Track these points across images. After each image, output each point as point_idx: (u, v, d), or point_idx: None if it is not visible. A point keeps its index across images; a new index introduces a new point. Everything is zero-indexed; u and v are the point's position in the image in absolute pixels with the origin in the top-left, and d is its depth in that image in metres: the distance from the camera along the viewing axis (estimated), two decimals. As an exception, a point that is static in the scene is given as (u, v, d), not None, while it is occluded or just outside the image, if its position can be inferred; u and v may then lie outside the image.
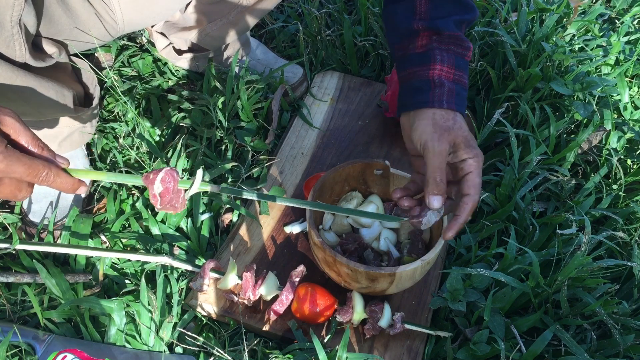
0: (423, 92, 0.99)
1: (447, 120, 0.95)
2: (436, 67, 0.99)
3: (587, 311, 1.04)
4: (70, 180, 0.80)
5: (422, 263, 0.97)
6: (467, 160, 0.92)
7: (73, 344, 1.02)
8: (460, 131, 0.94)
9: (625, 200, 1.26)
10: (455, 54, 1.00)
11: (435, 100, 0.97)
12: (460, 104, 0.98)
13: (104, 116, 1.43)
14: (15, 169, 0.73)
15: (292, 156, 1.35)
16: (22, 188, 0.77)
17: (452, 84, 0.99)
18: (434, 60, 0.99)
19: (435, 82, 0.99)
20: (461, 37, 1.01)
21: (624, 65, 1.52)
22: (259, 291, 1.05)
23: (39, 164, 0.75)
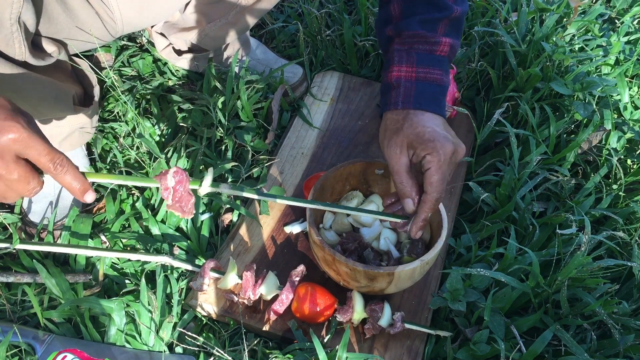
0: (384, 95, 1.01)
1: (396, 123, 0.96)
2: (394, 69, 1.00)
3: (587, 311, 1.04)
4: (81, 179, 0.77)
5: (422, 263, 0.97)
6: (425, 157, 0.92)
7: (73, 344, 1.02)
8: (409, 129, 0.94)
9: (625, 200, 1.26)
10: (418, 51, 1.00)
11: (391, 103, 0.98)
12: (421, 101, 0.98)
13: (104, 116, 1.43)
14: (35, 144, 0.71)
15: (292, 156, 1.35)
16: (35, 177, 0.74)
17: (411, 82, 0.98)
18: (392, 63, 1.01)
19: (394, 85, 1.00)
20: (425, 34, 1.00)
21: (624, 65, 1.52)
22: (259, 291, 1.05)
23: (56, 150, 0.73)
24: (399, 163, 0.94)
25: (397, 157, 0.94)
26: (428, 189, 0.93)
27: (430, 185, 0.92)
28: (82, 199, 0.78)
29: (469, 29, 1.65)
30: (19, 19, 0.85)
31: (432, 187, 0.92)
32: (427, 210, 0.95)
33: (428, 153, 0.92)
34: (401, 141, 0.94)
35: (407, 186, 0.94)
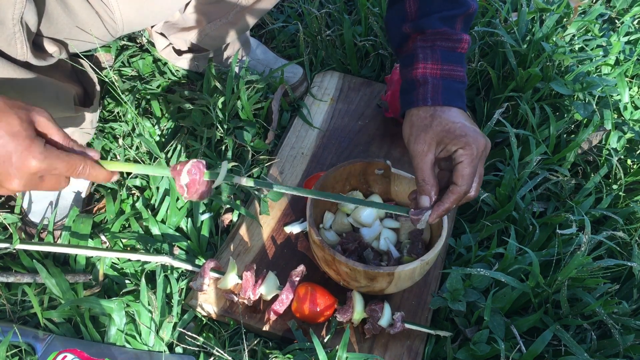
0: (409, 93, 1.00)
1: (424, 120, 0.95)
2: (419, 66, 1.00)
3: (587, 311, 1.04)
4: (103, 171, 0.84)
5: (421, 263, 0.97)
6: (458, 150, 0.92)
7: (73, 344, 1.02)
8: (439, 126, 0.94)
9: (625, 200, 1.26)
10: (442, 48, 1.00)
11: (420, 99, 0.98)
12: (449, 97, 0.98)
13: (104, 116, 1.43)
14: (55, 166, 0.77)
15: (292, 156, 1.35)
16: (62, 180, 0.82)
17: (437, 79, 0.99)
18: (417, 60, 1.00)
19: (420, 81, 0.99)
20: (448, 31, 1.00)
21: (624, 65, 1.52)
22: (259, 291, 1.05)
23: (76, 159, 0.80)
24: (424, 160, 0.94)
25: (423, 154, 0.94)
26: (459, 181, 0.92)
27: (461, 177, 0.92)
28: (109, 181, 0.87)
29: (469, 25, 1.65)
30: (22, 19, 0.86)
31: (462, 180, 0.92)
32: (453, 202, 0.94)
33: (460, 147, 0.92)
34: (430, 138, 0.94)
35: (429, 184, 0.94)
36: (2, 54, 0.88)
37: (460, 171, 0.92)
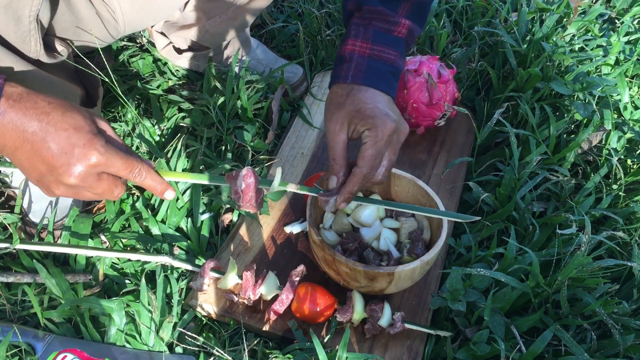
0: (335, 68, 1.00)
1: (340, 97, 0.95)
2: (349, 42, 1.00)
3: (587, 311, 1.04)
4: (159, 180, 0.84)
5: (421, 263, 0.97)
6: (364, 132, 0.92)
7: (73, 344, 1.02)
8: (351, 105, 0.93)
9: (625, 200, 1.26)
10: (376, 28, 1.00)
11: (341, 76, 0.98)
12: (370, 77, 0.97)
13: (105, 116, 1.43)
14: (114, 162, 0.78)
15: (292, 156, 1.35)
16: (118, 184, 0.82)
17: (363, 58, 0.98)
18: (348, 36, 1.00)
19: (346, 58, 0.99)
20: (385, 12, 1.00)
21: (624, 65, 1.52)
22: (259, 291, 1.05)
23: (133, 160, 0.80)
24: (335, 139, 0.94)
25: (335, 132, 0.94)
26: (359, 162, 0.92)
27: (362, 158, 0.92)
28: (163, 197, 0.86)
29: (469, 28, 1.65)
30: (37, 16, 0.86)
31: (363, 161, 0.92)
32: (355, 184, 0.93)
33: (367, 128, 0.92)
34: (343, 117, 0.94)
35: (338, 164, 0.94)
36: (16, 52, 0.89)
37: (362, 152, 0.92)
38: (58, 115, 0.75)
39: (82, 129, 0.76)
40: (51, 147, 0.74)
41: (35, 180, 0.80)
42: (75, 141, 0.75)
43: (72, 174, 0.76)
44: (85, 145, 0.75)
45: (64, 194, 0.80)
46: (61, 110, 0.75)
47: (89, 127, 0.76)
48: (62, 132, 0.74)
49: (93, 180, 0.78)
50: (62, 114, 0.75)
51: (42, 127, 0.74)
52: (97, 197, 0.83)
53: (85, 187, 0.79)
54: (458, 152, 1.37)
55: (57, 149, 0.75)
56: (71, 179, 0.76)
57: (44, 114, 0.74)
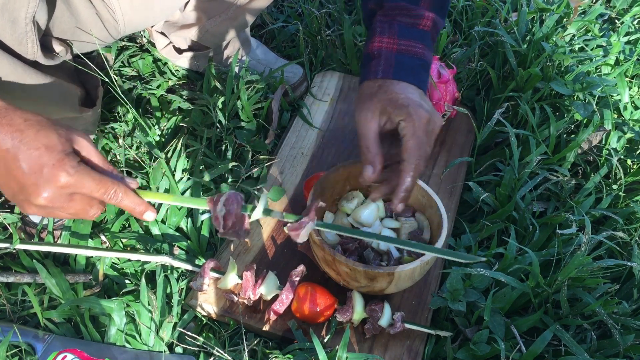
0: (364, 67, 0.99)
1: (371, 89, 0.94)
2: (375, 40, 0.99)
3: (587, 311, 1.04)
4: (138, 201, 0.82)
5: (421, 263, 0.97)
6: (400, 123, 0.90)
7: (73, 344, 1.02)
8: (385, 95, 0.92)
9: (625, 200, 1.26)
10: (400, 23, 0.99)
11: (371, 72, 0.97)
12: (400, 72, 0.96)
13: (104, 116, 1.43)
14: (85, 184, 0.75)
15: (292, 156, 1.35)
16: (93, 204, 0.79)
17: (392, 53, 0.97)
18: (374, 34, 1.00)
19: (374, 55, 0.98)
20: (408, 6, 0.99)
21: (623, 65, 1.52)
22: (259, 291, 1.05)
23: (107, 181, 0.78)
24: (367, 127, 0.92)
25: (366, 121, 0.92)
26: (405, 155, 0.89)
27: (406, 151, 0.89)
28: (142, 219, 0.84)
29: (469, 29, 1.65)
30: (33, 18, 0.86)
31: (408, 154, 0.89)
32: (408, 180, 0.90)
33: (402, 119, 0.90)
34: (374, 106, 0.92)
35: (372, 152, 0.91)
36: (13, 53, 0.88)
37: (405, 144, 0.89)
38: (32, 134, 0.73)
39: (54, 149, 0.74)
40: (22, 165, 0.73)
41: (11, 197, 0.78)
42: (45, 161, 0.73)
43: (40, 194, 0.75)
44: (54, 165, 0.73)
45: (36, 213, 0.78)
46: (36, 128, 0.74)
47: (61, 147, 0.74)
48: (33, 151, 0.73)
49: (64, 201, 0.77)
50: (36, 132, 0.73)
51: (14, 145, 0.73)
52: (72, 217, 0.81)
53: (57, 208, 0.77)
54: (458, 152, 1.37)
55: (27, 168, 0.73)
56: (39, 199, 0.75)
57: (18, 131, 0.73)
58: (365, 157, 0.92)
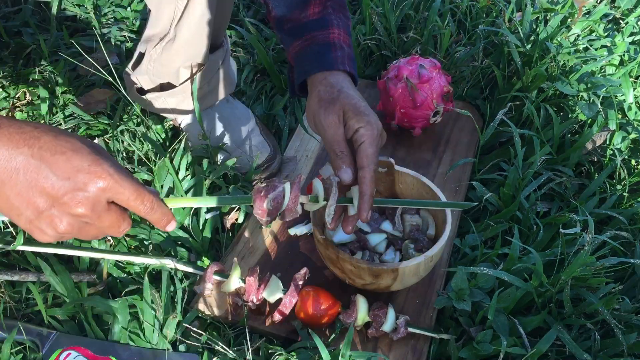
0: (324, 54, 0.99)
1: (331, 93, 0.94)
2: (334, 31, 1.00)
3: (590, 310, 1.03)
4: (167, 211, 0.75)
5: (425, 259, 0.97)
6: (359, 130, 0.91)
7: (77, 341, 1.02)
8: (347, 99, 0.93)
9: (629, 200, 1.26)
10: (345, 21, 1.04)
11: (339, 62, 0.98)
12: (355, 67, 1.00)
13: (111, 117, 1.44)
14: (124, 188, 0.68)
15: (296, 159, 1.35)
16: (126, 218, 0.72)
17: (348, 48, 1.01)
18: (331, 25, 1.01)
19: (336, 45, 0.99)
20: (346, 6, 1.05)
21: (628, 65, 1.52)
22: (262, 295, 1.05)
23: (144, 189, 0.70)
24: (337, 132, 0.92)
25: (335, 125, 0.92)
26: (364, 161, 0.90)
27: (367, 157, 0.90)
28: (165, 229, 0.76)
29: (473, 28, 1.65)
30: None
31: (369, 160, 0.90)
32: (371, 186, 0.91)
33: (362, 126, 0.91)
34: (339, 109, 0.93)
35: (347, 156, 0.92)
36: None
37: (365, 151, 0.91)
38: (50, 139, 0.65)
39: (82, 150, 0.66)
40: (49, 175, 0.64)
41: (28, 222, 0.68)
42: (77, 164, 0.65)
43: (80, 201, 0.66)
44: (90, 166, 0.66)
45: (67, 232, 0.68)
46: (52, 133, 0.66)
47: (89, 149, 0.67)
48: (59, 156, 0.65)
49: (102, 210, 0.68)
50: (54, 137, 0.66)
51: (34, 153, 0.64)
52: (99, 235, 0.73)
53: (93, 219, 0.68)
54: (463, 151, 1.37)
55: (58, 175, 0.65)
56: (79, 208, 0.66)
57: (33, 138, 0.65)
58: (342, 161, 0.92)
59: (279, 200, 0.86)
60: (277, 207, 0.86)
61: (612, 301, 1.02)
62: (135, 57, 1.32)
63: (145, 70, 1.28)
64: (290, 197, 0.87)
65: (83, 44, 1.58)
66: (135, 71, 1.31)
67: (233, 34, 1.67)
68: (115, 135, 1.36)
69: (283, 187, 0.87)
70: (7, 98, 1.47)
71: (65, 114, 1.43)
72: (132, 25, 1.71)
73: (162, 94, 1.31)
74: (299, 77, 1.02)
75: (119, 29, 1.67)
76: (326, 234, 1.10)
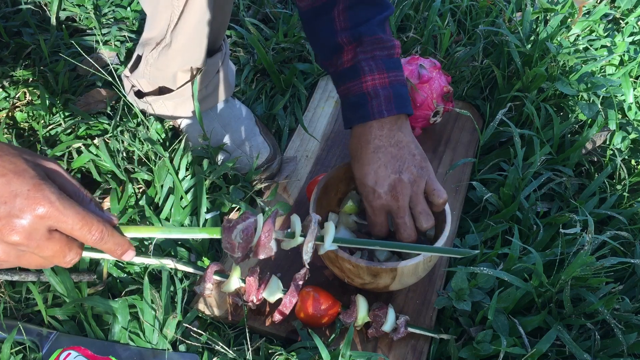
0: (360, 106, 1.01)
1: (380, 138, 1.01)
2: (367, 79, 1.01)
3: (590, 310, 1.03)
4: (121, 241, 0.69)
5: (424, 259, 0.97)
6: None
7: (77, 341, 1.02)
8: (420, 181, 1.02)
9: (629, 200, 1.26)
10: (382, 57, 1.02)
11: (375, 112, 1.00)
12: (401, 104, 1.02)
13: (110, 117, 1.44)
14: (68, 217, 0.63)
15: (296, 159, 1.35)
16: (73, 247, 0.66)
17: (387, 89, 1.01)
18: (363, 73, 1.01)
19: (371, 94, 1.00)
20: (383, 38, 1.02)
21: (628, 65, 1.52)
22: (262, 295, 1.05)
23: (93, 218, 0.65)
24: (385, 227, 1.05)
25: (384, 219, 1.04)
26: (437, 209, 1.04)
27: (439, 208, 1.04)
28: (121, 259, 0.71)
29: (473, 28, 1.65)
30: None
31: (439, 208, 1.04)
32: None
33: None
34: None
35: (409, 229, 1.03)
36: None
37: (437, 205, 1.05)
38: None
39: (25, 174, 0.62)
40: None
41: None
42: (16, 188, 0.60)
43: (14, 228, 0.61)
44: (30, 191, 0.61)
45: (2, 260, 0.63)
46: None
47: (33, 172, 0.62)
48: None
49: (42, 239, 0.63)
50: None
51: None
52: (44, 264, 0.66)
53: (31, 248, 0.63)
54: (463, 151, 1.37)
55: None
56: (13, 235, 0.61)
57: None
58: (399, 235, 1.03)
59: (249, 232, 0.81)
60: (248, 241, 0.82)
61: (612, 301, 1.02)
62: (133, 59, 1.32)
63: (143, 74, 1.28)
64: (263, 231, 0.82)
65: (83, 44, 1.58)
66: (134, 74, 1.31)
67: (233, 34, 1.67)
68: (115, 135, 1.36)
69: (255, 219, 0.82)
70: (7, 98, 1.47)
71: (65, 114, 1.43)
72: (132, 25, 1.71)
73: (160, 97, 1.31)
74: (345, 124, 1.07)
75: (118, 29, 1.67)
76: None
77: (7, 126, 1.41)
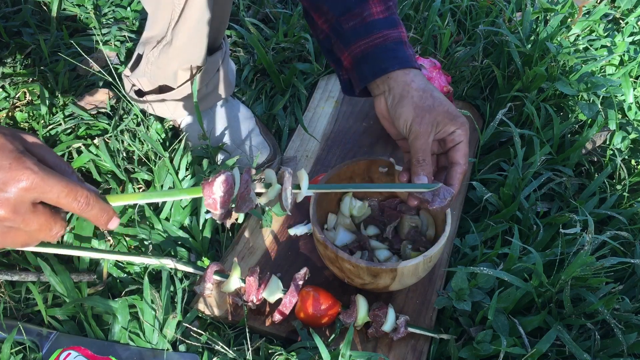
0: (399, 51, 1.01)
1: (426, 100, 0.98)
2: (403, 30, 1.03)
3: (590, 310, 1.03)
4: (106, 210, 0.69)
5: (424, 259, 0.97)
6: (456, 131, 0.97)
7: (77, 341, 1.02)
8: (440, 107, 0.97)
9: (629, 200, 1.26)
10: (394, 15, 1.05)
11: (413, 60, 1.01)
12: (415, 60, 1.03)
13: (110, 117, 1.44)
14: (52, 186, 0.63)
15: (296, 159, 1.35)
16: (57, 220, 0.66)
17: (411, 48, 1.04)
18: (399, 24, 1.03)
19: (407, 44, 1.03)
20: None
21: (628, 65, 1.52)
22: (262, 295, 1.05)
23: (77, 185, 0.65)
24: (427, 140, 0.97)
25: (427, 134, 0.96)
26: (461, 160, 0.97)
27: (463, 156, 0.98)
28: (107, 228, 0.71)
29: (473, 28, 1.65)
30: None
31: (464, 159, 0.98)
32: (461, 181, 0.98)
33: (458, 128, 0.97)
34: (434, 118, 0.96)
35: (427, 164, 0.96)
36: None
37: (462, 150, 0.97)
38: None
39: (4, 147, 0.61)
40: None
41: None
42: None
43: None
44: (12, 165, 0.60)
45: None
46: None
47: (12, 146, 0.62)
48: None
49: (27, 212, 0.63)
50: None
51: None
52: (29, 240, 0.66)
53: (17, 222, 0.63)
54: (462, 152, 1.37)
55: None
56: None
57: None
58: (421, 168, 0.96)
59: (229, 184, 0.81)
60: (229, 192, 0.81)
61: (612, 301, 1.02)
62: (133, 58, 1.32)
63: (144, 73, 1.28)
64: (241, 183, 0.83)
65: (83, 44, 1.58)
66: (134, 73, 1.31)
67: (233, 34, 1.67)
68: (115, 135, 1.36)
69: (232, 173, 0.82)
70: (7, 98, 1.47)
71: (65, 114, 1.43)
72: (132, 25, 1.71)
73: (160, 96, 1.31)
74: (374, 74, 1.01)
75: (119, 29, 1.67)
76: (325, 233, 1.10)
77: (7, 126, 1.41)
